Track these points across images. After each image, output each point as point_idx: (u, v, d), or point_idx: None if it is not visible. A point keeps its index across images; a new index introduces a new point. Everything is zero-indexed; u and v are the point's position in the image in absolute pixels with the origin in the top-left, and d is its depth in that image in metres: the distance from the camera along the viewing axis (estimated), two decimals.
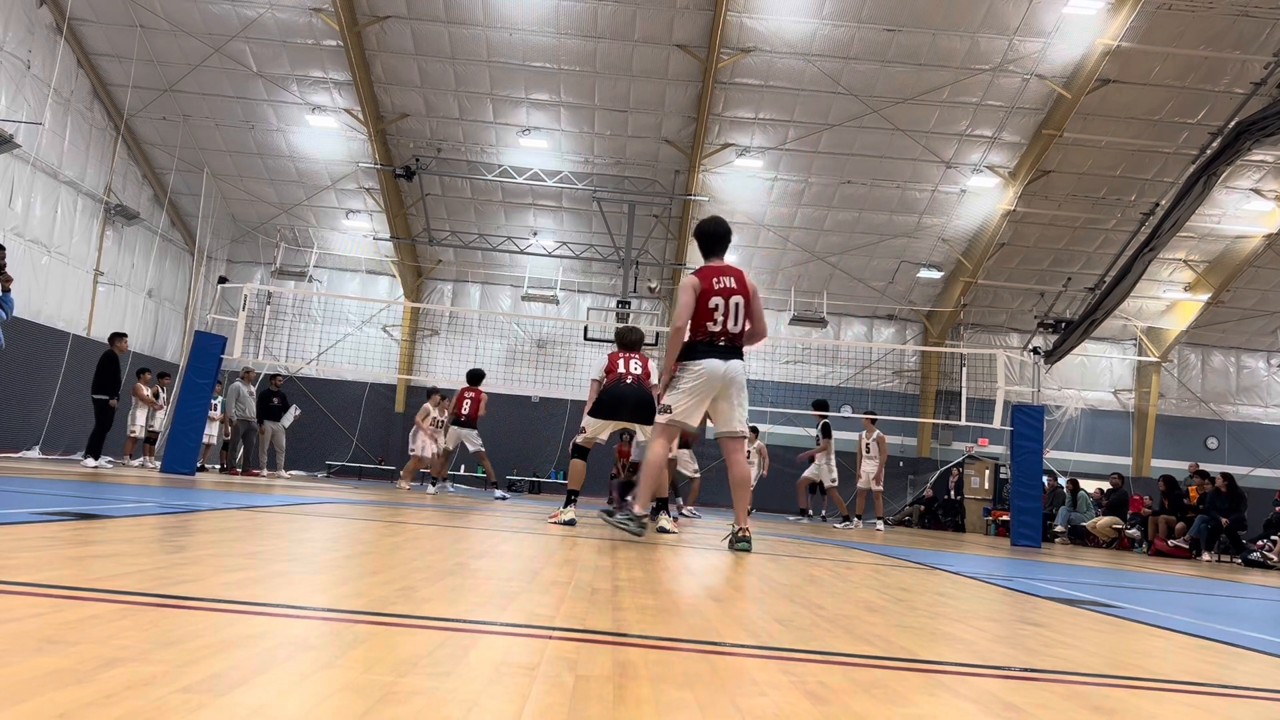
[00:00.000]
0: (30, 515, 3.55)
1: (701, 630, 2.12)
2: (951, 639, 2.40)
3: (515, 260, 23.34)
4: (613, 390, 7.10)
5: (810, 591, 3.26)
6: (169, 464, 11.45)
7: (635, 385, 7.11)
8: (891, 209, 21.45)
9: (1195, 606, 4.50)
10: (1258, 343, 24.35)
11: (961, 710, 1.47)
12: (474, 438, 12.95)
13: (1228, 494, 14.11)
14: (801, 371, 23.73)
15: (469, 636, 1.74)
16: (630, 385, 7.09)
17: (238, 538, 3.37)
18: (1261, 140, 15.47)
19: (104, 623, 1.52)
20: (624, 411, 7.07)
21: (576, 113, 19.80)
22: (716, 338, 5.46)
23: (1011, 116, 19.03)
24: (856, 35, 17.54)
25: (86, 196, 18.70)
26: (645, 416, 7.03)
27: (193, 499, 5.93)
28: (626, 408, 7.05)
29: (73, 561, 2.29)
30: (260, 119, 20.20)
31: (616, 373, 7.25)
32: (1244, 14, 16.41)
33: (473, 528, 5.41)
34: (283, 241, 22.22)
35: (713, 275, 5.51)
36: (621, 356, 7.35)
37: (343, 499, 8.18)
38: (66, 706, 1.02)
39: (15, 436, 15.95)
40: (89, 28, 18.03)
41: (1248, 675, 2.26)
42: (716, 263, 5.65)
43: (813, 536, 9.30)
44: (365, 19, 17.78)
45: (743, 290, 5.55)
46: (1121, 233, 20.93)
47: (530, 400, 23.07)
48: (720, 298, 5.44)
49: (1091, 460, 23.34)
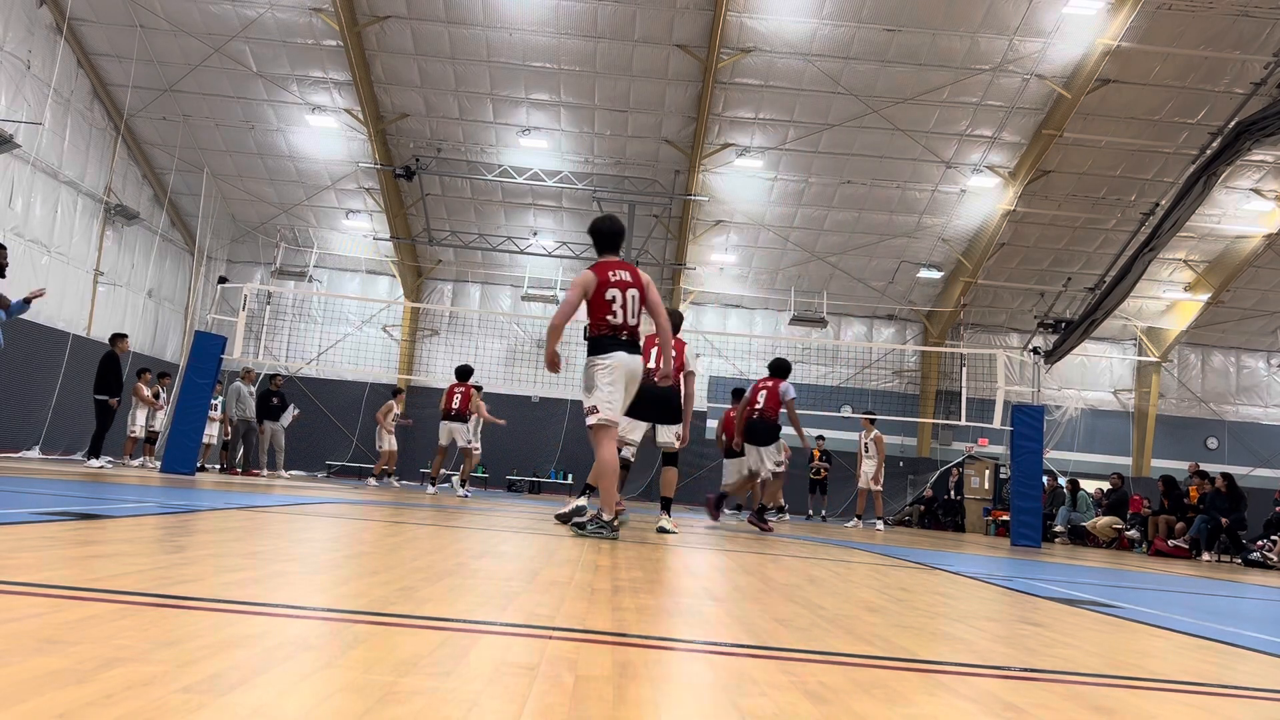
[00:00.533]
0: (30, 515, 3.55)
1: (701, 630, 2.12)
2: (951, 639, 2.40)
3: (515, 260, 23.34)
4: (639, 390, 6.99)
5: (810, 591, 3.26)
6: (169, 464, 11.46)
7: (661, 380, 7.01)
8: (891, 209, 21.45)
9: (1195, 606, 4.50)
10: (1258, 343, 24.34)
11: (961, 710, 1.47)
12: (464, 432, 13.02)
13: (1228, 494, 14.11)
14: (801, 371, 23.70)
15: (469, 636, 1.74)
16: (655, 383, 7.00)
17: (238, 538, 3.37)
18: (1261, 140, 15.46)
19: (104, 623, 1.52)
20: (647, 413, 7.04)
21: (576, 113, 19.80)
22: (619, 331, 5.52)
23: (1011, 116, 19.03)
24: (856, 35, 17.54)
25: (86, 196, 18.70)
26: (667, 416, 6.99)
27: (193, 499, 5.93)
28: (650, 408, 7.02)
29: (73, 561, 2.29)
30: (260, 119, 20.20)
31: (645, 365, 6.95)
32: (1244, 14, 16.40)
33: (473, 528, 5.41)
34: (283, 241, 22.22)
35: (608, 269, 5.57)
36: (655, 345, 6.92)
37: (343, 499, 8.18)
38: (66, 706, 1.02)
39: (15, 436, 15.95)
40: (89, 28, 18.03)
41: (1248, 675, 2.26)
42: (611, 258, 5.72)
43: (813, 536, 9.30)
44: (365, 19, 17.78)
45: (638, 284, 5.63)
46: (1121, 233, 20.93)
47: (530, 400, 23.07)
48: (617, 289, 5.50)
49: (1091, 460, 23.33)
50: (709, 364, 22.76)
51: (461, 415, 13.04)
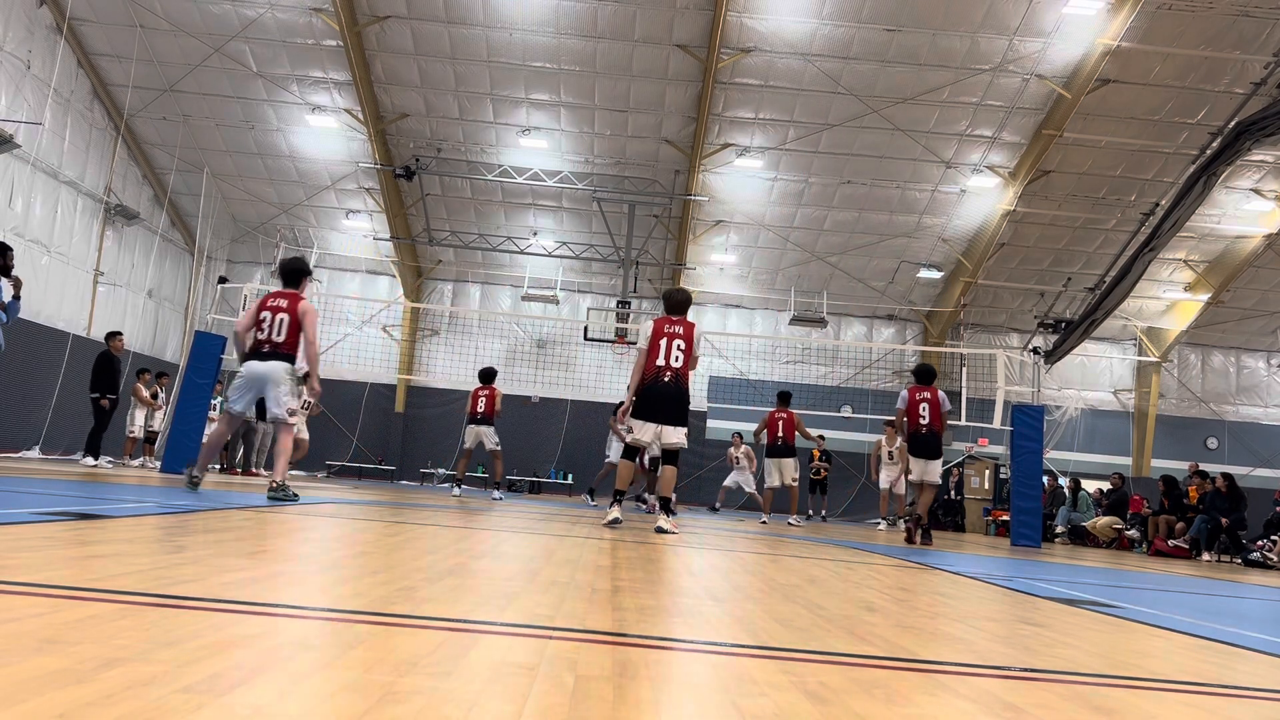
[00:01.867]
0: (30, 515, 3.55)
1: (701, 630, 2.12)
2: (951, 639, 2.40)
3: (515, 260, 23.34)
4: (650, 390, 6.92)
5: (810, 591, 3.26)
6: (169, 464, 11.46)
7: (672, 381, 6.92)
8: (891, 209, 21.45)
9: (1195, 606, 4.50)
10: (1258, 343, 24.34)
11: (961, 710, 1.47)
12: (491, 434, 12.88)
13: (1228, 494, 14.11)
14: (801, 371, 23.73)
15: (469, 636, 1.74)
16: (666, 384, 6.92)
17: (238, 538, 3.37)
18: (1261, 140, 15.47)
19: (104, 623, 1.52)
20: (661, 413, 6.99)
21: (576, 113, 19.80)
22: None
23: (1011, 116, 19.02)
24: (856, 35, 17.54)
25: (86, 196, 18.70)
26: (675, 417, 6.98)
27: (193, 499, 5.93)
28: (664, 408, 6.98)
29: (73, 561, 2.29)
30: (260, 119, 20.20)
31: (656, 360, 6.94)
32: (1244, 14, 16.40)
33: (473, 527, 5.41)
34: (283, 241, 22.22)
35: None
36: (666, 335, 7.00)
37: (343, 499, 8.19)
38: (66, 706, 1.02)
39: (15, 436, 15.95)
40: (89, 28, 18.03)
41: (1248, 675, 2.26)
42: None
43: (813, 537, 9.30)
44: (365, 19, 17.78)
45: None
46: (1121, 233, 20.93)
47: (530, 400, 23.07)
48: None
49: (1091, 460, 23.33)
50: (709, 364, 22.76)
51: (489, 418, 12.87)
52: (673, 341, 6.93)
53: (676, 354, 6.90)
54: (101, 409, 12.55)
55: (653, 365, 6.87)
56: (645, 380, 6.91)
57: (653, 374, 6.85)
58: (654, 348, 6.96)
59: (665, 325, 7.05)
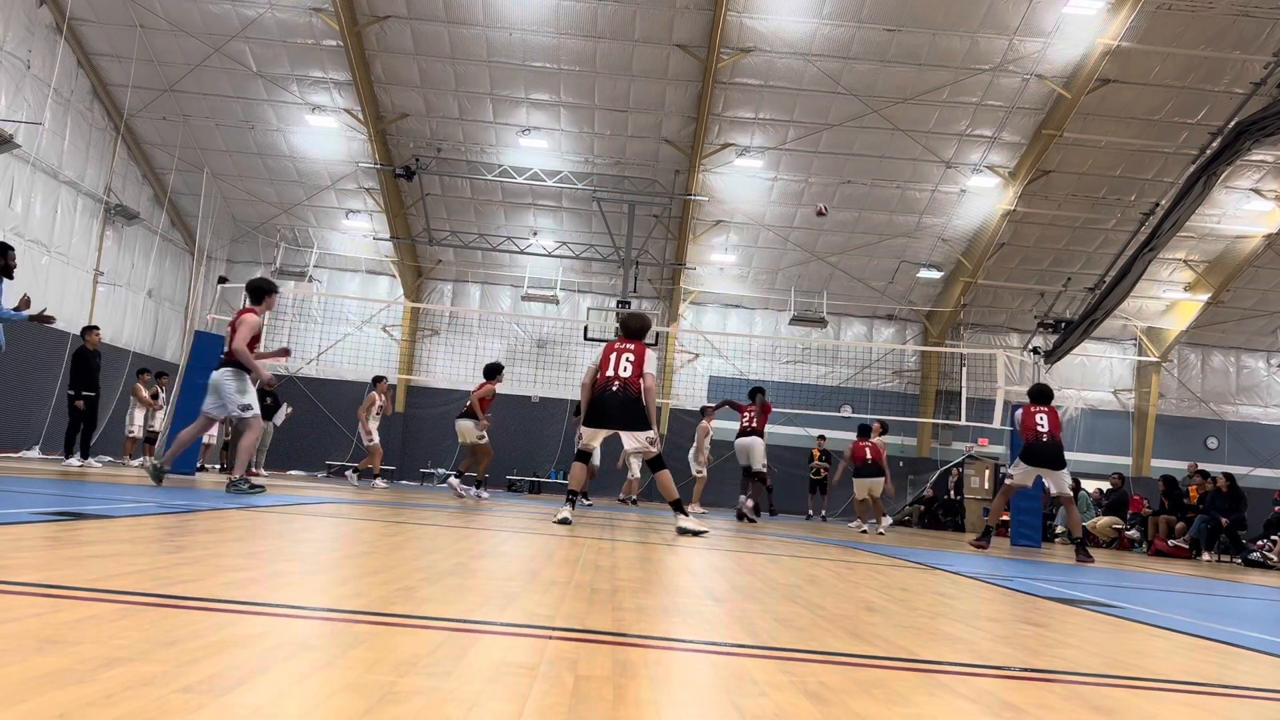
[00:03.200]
0: (30, 515, 3.55)
1: (701, 630, 2.12)
2: (951, 639, 2.40)
3: (515, 260, 23.34)
4: (598, 399, 7.03)
5: (810, 591, 3.26)
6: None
7: (620, 390, 6.96)
8: (891, 209, 21.45)
9: (1195, 606, 4.50)
10: (1258, 343, 24.35)
11: (961, 710, 1.47)
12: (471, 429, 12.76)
13: (1228, 494, 14.11)
14: (801, 371, 23.74)
15: (469, 636, 1.74)
16: (614, 393, 6.98)
17: (238, 538, 3.37)
18: (1261, 140, 15.47)
19: (104, 623, 1.52)
20: (609, 420, 7.01)
21: (576, 113, 19.80)
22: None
23: (1011, 116, 19.03)
24: (856, 35, 17.54)
25: (86, 196, 18.70)
26: (629, 423, 6.96)
27: (193, 499, 5.93)
28: (611, 416, 6.99)
29: (73, 561, 2.29)
30: (260, 119, 20.20)
31: (605, 373, 7.09)
32: (1244, 14, 16.40)
33: (473, 527, 5.41)
34: (283, 241, 22.22)
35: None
36: (615, 350, 7.16)
37: (343, 499, 8.19)
38: (66, 706, 1.02)
39: (15, 436, 15.96)
40: (89, 28, 18.03)
41: (1247, 675, 2.26)
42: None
43: (814, 537, 9.30)
44: (365, 19, 17.78)
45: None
46: (1121, 233, 20.93)
47: (530, 400, 23.07)
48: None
49: (1091, 460, 23.33)
50: (709, 364, 22.75)
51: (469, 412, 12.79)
52: (621, 355, 7.13)
53: (625, 365, 7.08)
54: (76, 409, 11.90)
55: (603, 377, 7.13)
56: (595, 391, 7.13)
57: (602, 384, 7.09)
58: (604, 363, 7.19)
59: (616, 344, 7.29)
